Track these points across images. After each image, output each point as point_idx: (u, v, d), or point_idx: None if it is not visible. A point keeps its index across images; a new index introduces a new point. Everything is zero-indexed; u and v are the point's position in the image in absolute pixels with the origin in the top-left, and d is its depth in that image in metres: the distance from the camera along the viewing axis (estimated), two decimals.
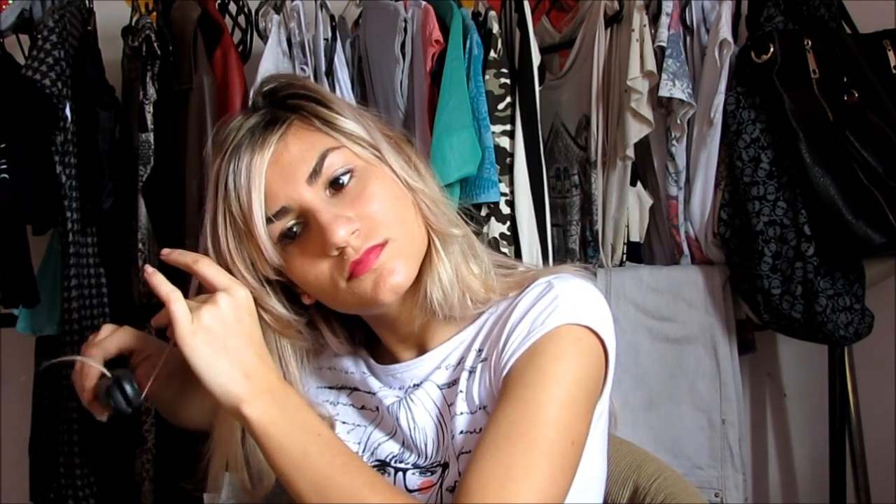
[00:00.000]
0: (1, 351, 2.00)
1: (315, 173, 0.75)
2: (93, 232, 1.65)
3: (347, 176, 0.76)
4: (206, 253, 0.78)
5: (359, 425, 0.87)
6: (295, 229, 0.76)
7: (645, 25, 1.50)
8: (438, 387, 0.82)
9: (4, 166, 1.49)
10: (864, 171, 1.35)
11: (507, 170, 1.50)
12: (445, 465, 0.79)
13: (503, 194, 1.49)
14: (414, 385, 0.84)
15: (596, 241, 1.60)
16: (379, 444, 0.84)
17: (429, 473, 0.80)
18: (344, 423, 0.87)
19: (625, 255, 1.59)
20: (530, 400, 0.71)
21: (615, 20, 1.56)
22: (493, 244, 1.48)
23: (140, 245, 1.66)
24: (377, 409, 0.86)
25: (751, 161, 1.43)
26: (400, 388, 0.85)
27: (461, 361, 0.82)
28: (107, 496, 1.66)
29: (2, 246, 1.51)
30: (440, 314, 0.80)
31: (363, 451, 0.85)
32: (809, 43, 1.42)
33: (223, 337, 0.69)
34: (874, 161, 1.35)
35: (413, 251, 0.77)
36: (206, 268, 0.74)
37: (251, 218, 0.74)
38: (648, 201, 1.58)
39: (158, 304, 0.73)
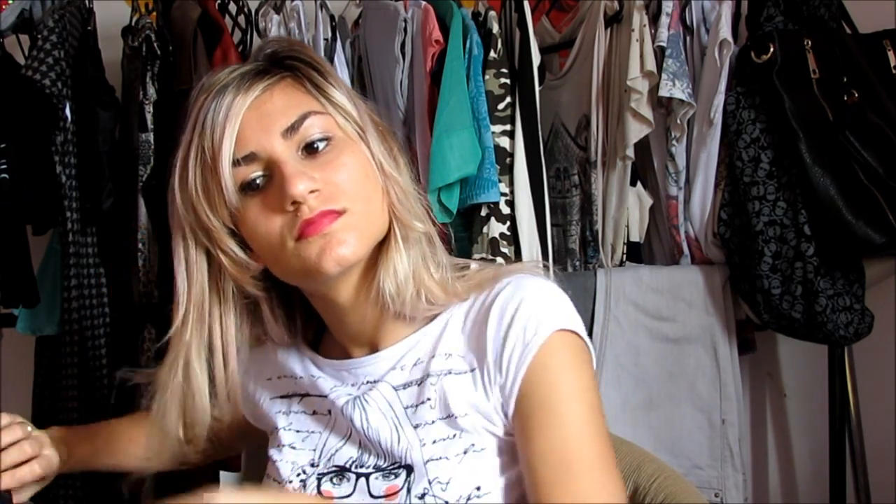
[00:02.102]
0: (1, 351, 2.00)
1: (292, 129, 0.75)
2: (93, 232, 1.65)
3: (324, 143, 0.76)
4: (171, 189, 0.77)
5: (313, 432, 0.85)
6: (258, 181, 0.75)
7: (645, 25, 1.50)
8: (394, 388, 0.80)
9: (4, 166, 1.49)
10: (864, 171, 1.35)
11: (507, 170, 1.50)
12: (409, 469, 0.77)
13: (503, 194, 1.49)
14: (368, 382, 0.82)
15: (596, 241, 1.60)
16: (336, 450, 0.82)
17: (392, 476, 0.78)
18: (298, 431, 0.86)
19: (625, 255, 1.59)
20: (563, 425, 0.72)
21: (615, 20, 1.56)
22: (493, 244, 1.48)
23: (140, 245, 1.66)
24: (329, 412, 0.84)
25: (751, 161, 1.43)
26: (353, 385, 0.82)
27: (418, 363, 0.80)
28: (106, 496, 1.66)
29: (2, 246, 1.51)
30: (391, 308, 0.78)
31: (319, 457, 0.83)
32: (809, 43, 1.42)
33: None
34: (874, 161, 1.35)
35: (369, 230, 0.76)
36: None
37: (219, 154, 0.73)
38: (648, 201, 1.58)
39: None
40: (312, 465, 0.82)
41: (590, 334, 1.56)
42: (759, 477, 1.82)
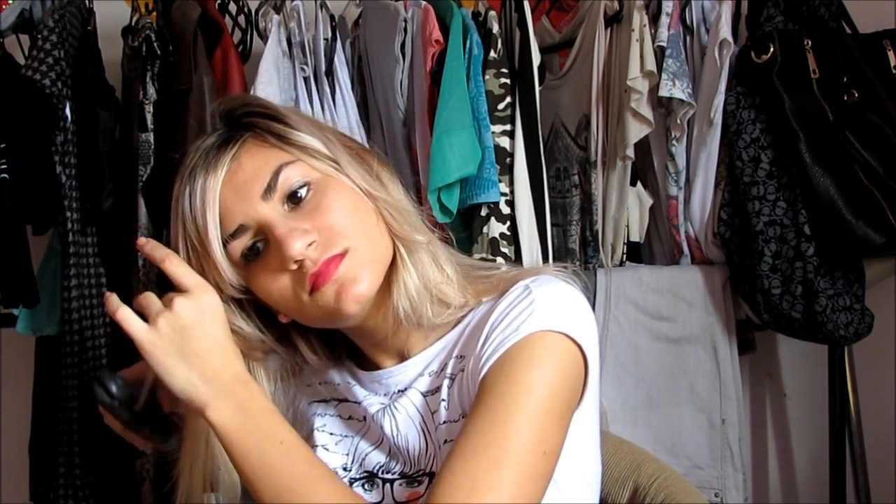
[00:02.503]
0: (1, 351, 2.00)
1: (270, 189, 0.75)
2: (93, 232, 1.65)
3: (304, 189, 0.75)
4: None
5: (346, 436, 0.86)
6: (258, 246, 0.75)
7: (645, 25, 1.50)
8: (422, 394, 0.81)
9: (4, 166, 1.49)
10: (864, 171, 1.35)
11: (507, 170, 1.50)
12: (432, 476, 0.78)
13: (503, 194, 1.49)
14: (398, 391, 0.83)
15: (596, 241, 1.60)
16: (366, 455, 0.84)
17: (416, 484, 0.79)
18: (332, 434, 0.87)
19: (625, 255, 1.59)
20: (500, 410, 0.69)
21: (615, 20, 1.56)
22: (493, 244, 1.48)
23: None
24: (364, 418, 0.85)
25: (751, 161, 1.43)
26: (385, 395, 0.84)
27: (443, 368, 0.80)
28: (107, 496, 1.66)
29: (2, 246, 1.51)
30: (409, 323, 0.78)
31: (352, 462, 0.84)
32: (809, 43, 1.42)
33: (180, 343, 0.70)
34: (874, 161, 1.35)
35: (376, 259, 0.76)
36: (174, 267, 0.74)
37: (207, 239, 0.74)
38: (648, 201, 1.58)
39: None
40: (345, 469, 0.84)
41: None
42: (759, 477, 1.82)
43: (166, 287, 0.75)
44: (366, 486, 0.83)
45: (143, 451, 1.64)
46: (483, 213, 1.49)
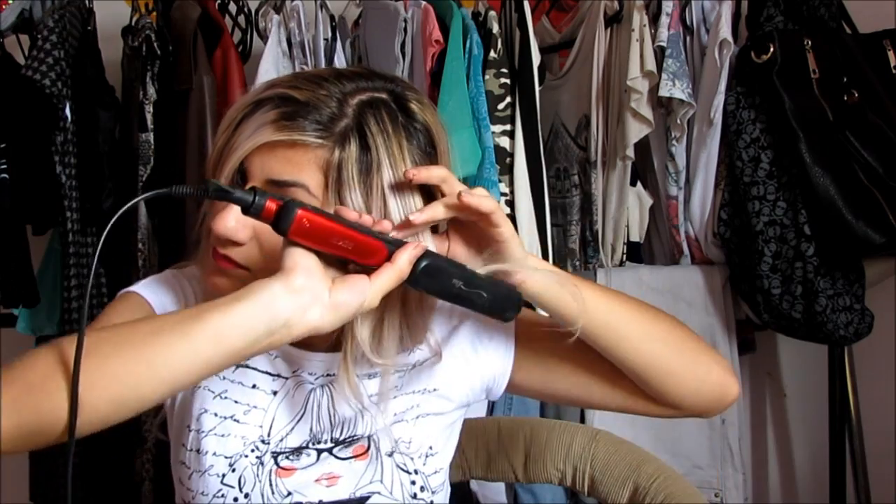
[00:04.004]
0: (1, 351, 2.00)
1: (272, 185, 0.71)
2: (93, 232, 1.65)
3: None
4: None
5: (255, 406, 0.80)
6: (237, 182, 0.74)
7: (645, 25, 1.50)
8: (357, 376, 0.79)
9: (4, 166, 1.49)
10: (864, 171, 1.35)
11: (507, 170, 1.50)
12: (370, 437, 0.80)
13: (503, 194, 1.49)
14: (328, 375, 0.81)
15: (596, 241, 1.60)
16: (288, 432, 0.80)
17: (354, 442, 0.80)
18: (237, 402, 0.80)
19: (625, 255, 1.59)
20: None
21: (615, 20, 1.56)
22: None
23: (140, 245, 1.66)
24: (275, 392, 0.81)
25: (751, 161, 1.43)
26: (310, 374, 0.81)
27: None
28: (107, 496, 1.66)
29: (2, 246, 1.51)
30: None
31: (268, 436, 0.79)
32: (809, 43, 1.42)
33: None
34: (874, 161, 1.35)
35: None
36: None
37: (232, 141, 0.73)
38: (648, 201, 1.58)
39: None
40: (264, 443, 0.80)
41: None
42: (759, 477, 1.82)
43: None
44: (290, 456, 0.79)
45: (142, 451, 1.64)
46: None
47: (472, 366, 0.85)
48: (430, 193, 0.74)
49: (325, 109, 0.71)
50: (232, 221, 0.71)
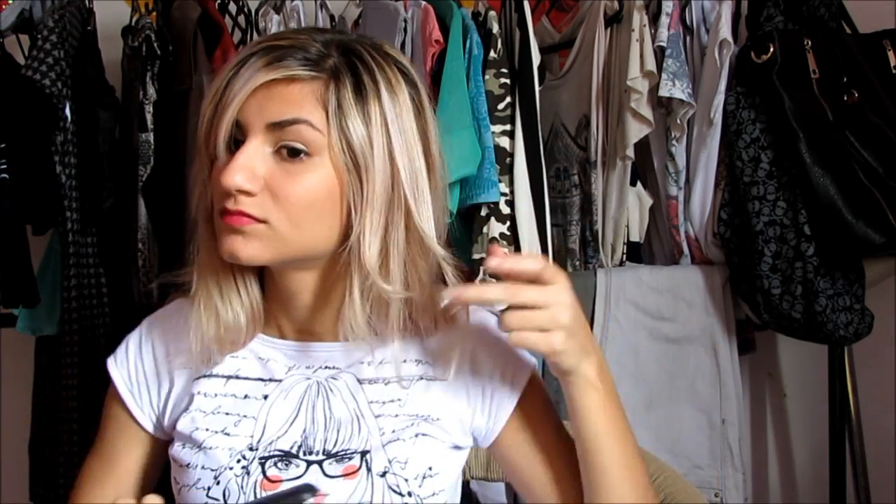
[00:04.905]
0: (1, 351, 2.00)
1: (279, 126, 0.71)
2: (93, 232, 1.65)
3: (301, 154, 0.72)
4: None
5: (246, 416, 0.80)
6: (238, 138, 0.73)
7: (645, 25, 1.50)
8: (359, 380, 0.80)
9: (4, 166, 1.49)
10: (864, 171, 1.35)
11: (507, 170, 1.50)
12: (364, 452, 0.77)
13: (503, 194, 1.49)
14: (327, 368, 0.80)
15: (596, 241, 1.60)
16: (280, 435, 0.79)
17: (346, 459, 0.77)
18: (228, 414, 0.80)
19: (625, 255, 1.59)
20: None
21: (615, 20, 1.56)
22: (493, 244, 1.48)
23: (140, 245, 1.66)
24: (265, 396, 0.80)
25: (751, 161, 1.43)
26: (308, 368, 0.81)
27: (384, 362, 0.80)
28: None
29: (2, 246, 1.51)
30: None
31: (258, 442, 0.78)
32: (809, 43, 1.42)
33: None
34: (874, 161, 1.35)
35: (280, 248, 0.73)
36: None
37: (225, 101, 0.73)
38: (648, 201, 1.58)
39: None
40: (251, 450, 0.79)
41: None
42: (759, 477, 1.82)
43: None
44: (279, 464, 0.78)
45: None
46: (483, 213, 1.49)
47: (472, 405, 0.82)
48: (426, 123, 0.78)
49: (312, 48, 0.72)
50: (240, 172, 0.70)
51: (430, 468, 0.78)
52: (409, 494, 0.77)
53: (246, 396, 0.81)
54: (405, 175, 0.74)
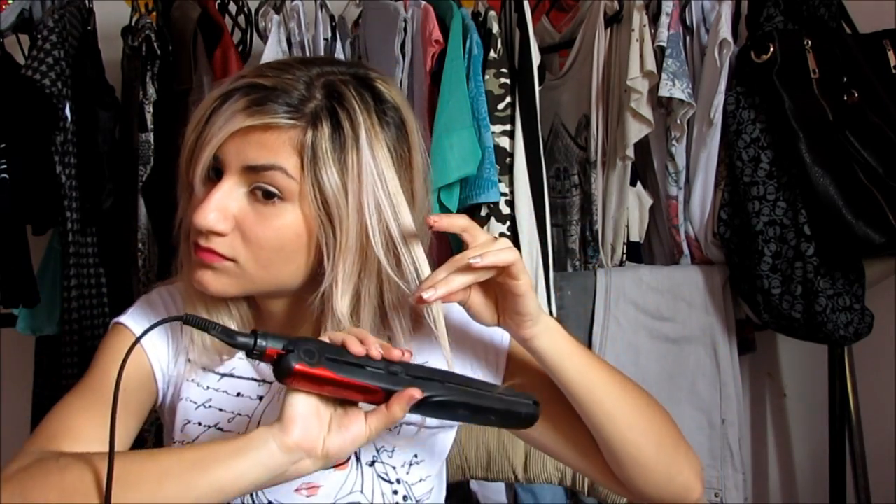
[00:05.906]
0: (1, 351, 2.00)
1: (254, 170, 0.71)
2: (93, 232, 1.65)
3: (273, 198, 0.72)
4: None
5: (240, 414, 0.82)
6: (212, 175, 0.74)
7: (645, 25, 1.50)
8: None
9: (4, 166, 1.49)
10: (864, 171, 1.35)
11: (507, 170, 1.50)
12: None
13: (503, 194, 1.49)
14: None
15: (596, 241, 1.60)
16: None
17: None
18: (221, 410, 0.82)
19: (625, 255, 1.59)
20: None
21: (615, 20, 1.56)
22: None
23: (140, 245, 1.66)
24: (260, 398, 0.82)
25: (751, 161, 1.43)
26: None
27: None
28: None
29: (2, 246, 1.51)
30: None
31: None
32: (809, 43, 1.42)
33: None
34: (874, 161, 1.35)
35: (246, 285, 0.75)
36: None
37: (205, 136, 0.73)
38: (648, 201, 1.58)
39: None
40: None
41: (590, 334, 1.57)
42: (759, 477, 1.82)
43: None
44: None
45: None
46: (483, 213, 1.49)
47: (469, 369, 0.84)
48: (410, 164, 0.76)
49: (294, 92, 0.71)
50: (213, 213, 0.71)
51: (416, 455, 0.83)
52: (398, 482, 0.81)
53: (239, 394, 0.83)
54: (379, 227, 0.73)
